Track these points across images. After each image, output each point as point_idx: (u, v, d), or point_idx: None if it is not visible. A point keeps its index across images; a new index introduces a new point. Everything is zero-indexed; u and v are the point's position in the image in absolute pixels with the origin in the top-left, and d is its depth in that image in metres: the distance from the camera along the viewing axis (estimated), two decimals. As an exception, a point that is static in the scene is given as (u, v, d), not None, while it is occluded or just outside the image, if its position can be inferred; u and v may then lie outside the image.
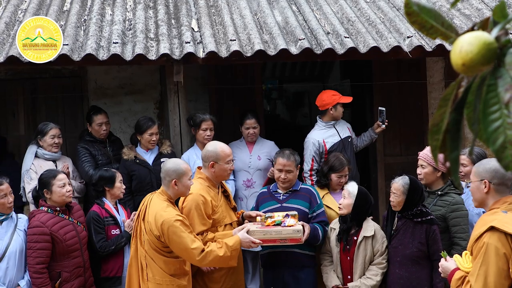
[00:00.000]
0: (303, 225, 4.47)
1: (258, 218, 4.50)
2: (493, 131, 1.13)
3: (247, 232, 4.26)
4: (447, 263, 3.53)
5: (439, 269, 3.63)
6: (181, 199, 4.46)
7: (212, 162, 4.49)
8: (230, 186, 5.30)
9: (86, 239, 4.72)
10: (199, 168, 4.67)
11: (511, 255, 3.10)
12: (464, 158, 4.69)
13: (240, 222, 4.73)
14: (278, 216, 4.43)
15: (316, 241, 4.66)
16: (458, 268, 3.40)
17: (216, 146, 4.58)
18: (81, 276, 4.62)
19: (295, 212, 4.49)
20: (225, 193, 4.70)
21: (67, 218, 4.63)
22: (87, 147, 5.77)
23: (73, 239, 4.58)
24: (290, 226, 4.32)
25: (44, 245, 4.46)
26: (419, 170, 4.71)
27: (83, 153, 5.72)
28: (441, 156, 1.27)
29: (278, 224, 4.34)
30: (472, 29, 1.27)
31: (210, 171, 4.51)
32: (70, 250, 4.56)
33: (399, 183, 4.41)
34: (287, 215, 4.44)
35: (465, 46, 1.15)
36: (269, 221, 4.38)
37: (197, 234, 4.32)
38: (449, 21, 1.24)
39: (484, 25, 1.25)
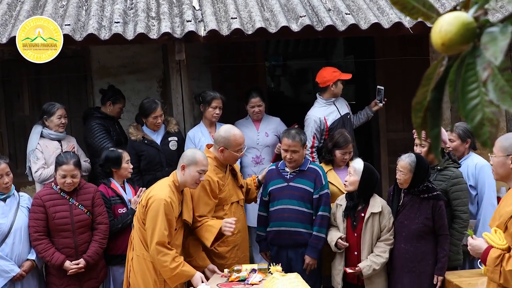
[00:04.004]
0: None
1: (226, 271, 4.37)
2: (472, 108, 1.16)
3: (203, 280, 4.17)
4: (477, 242, 3.41)
5: (468, 247, 3.50)
6: None
7: (222, 148, 4.54)
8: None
9: (84, 222, 4.73)
10: (208, 146, 4.72)
11: None
12: (451, 134, 4.77)
13: (257, 186, 4.98)
14: (246, 270, 4.29)
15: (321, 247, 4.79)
16: (491, 246, 3.27)
17: (230, 133, 4.59)
18: (72, 257, 4.68)
19: (265, 266, 4.39)
20: (232, 171, 4.76)
21: (67, 198, 4.70)
22: (102, 123, 5.82)
23: (64, 219, 4.66)
24: (253, 285, 4.12)
25: (39, 216, 4.63)
26: (418, 149, 4.74)
27: (100, 130, 5.75)
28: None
29: (242, 281, 4.19)
30: (454, 9, 1.30)
31: (219, 154, 4.58)
32: (58, 229, 4.66)
33: (406, 161, 4.43)
34: (253, 270, 4.30)
35: (444, 26, 1.18)
36: (233, 276, 4.25)
37: (200, 215, 4.41)
38: (430, 1, 1.27)
39: (466, 5, 1.28)
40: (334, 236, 4.64)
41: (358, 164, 4.64)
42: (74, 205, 4.71)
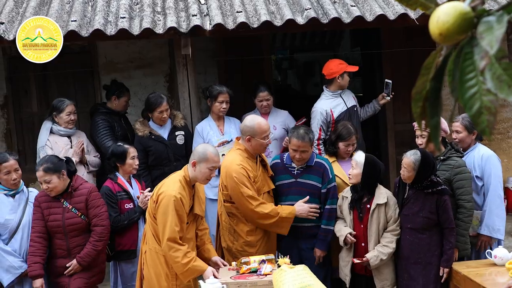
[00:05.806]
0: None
1: (234, 264, 4.36)
2: (470, 97, 1.16)
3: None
4: None
5: None
6: (222, 170, 4.55)
7: (248, 137, 4.63)
8: None
9: (77, 226, 4.67)
10: (238, 138, 4.83)
11: None
12: (457, 125, 4.79)
13: None
14: (254, 262, 4.25)
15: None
16: None
17: (254, 122, 4.68)
18: (65, 258, 4.68)
19: (272, 256, 4.36)
20: (262, 162, 4.84)
21: (62, 201, 4.67)
22: (107, 119, 5.83)
23: (56, 222, 4.64)
24: (266, 275, 4.10)
25: (37, 216, 4.65)
26: (419, 141, 4.75)
27: (103, 126, 5.77)
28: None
29: (254, 272, 4.16)
30: (453, -2, 1.30)
31: (247, 144, 4.67)
32: (52, 231, 4.66)
33: (410, 159, 4.43)
34: (263, 261, 4.26)
35: (442, 16, 1.18)
36: (244, 268, 4.20)
37: (251, 196, 4.54)
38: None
39: (464, -6, 1.28)
40: (344, 230, 4.65)
41: (359, 157, 4.65)
42: (67, 208, 4.65)
